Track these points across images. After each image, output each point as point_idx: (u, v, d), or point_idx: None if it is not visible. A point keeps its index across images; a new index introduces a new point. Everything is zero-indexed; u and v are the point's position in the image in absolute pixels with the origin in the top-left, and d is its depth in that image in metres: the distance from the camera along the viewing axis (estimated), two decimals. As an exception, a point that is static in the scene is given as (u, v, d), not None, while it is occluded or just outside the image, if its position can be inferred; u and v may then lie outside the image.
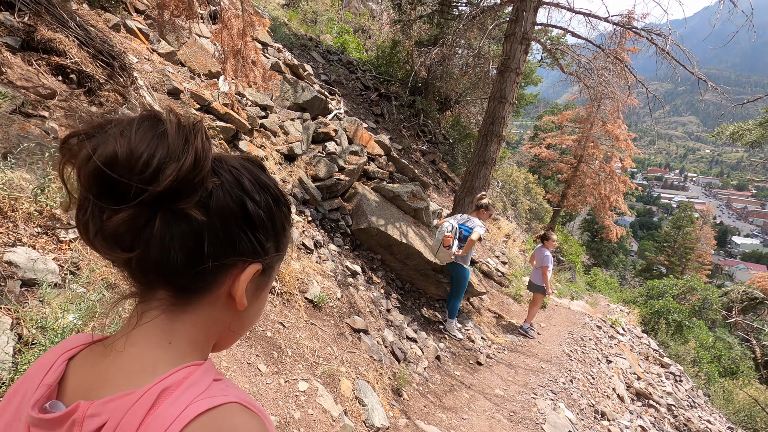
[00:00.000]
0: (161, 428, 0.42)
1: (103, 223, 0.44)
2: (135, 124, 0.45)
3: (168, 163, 0.44)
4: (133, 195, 0.43)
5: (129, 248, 0.46)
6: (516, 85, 6.25)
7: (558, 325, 7.54)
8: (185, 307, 0.51)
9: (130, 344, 0.49)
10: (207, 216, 0.47)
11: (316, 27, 12.64)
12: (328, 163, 5.59)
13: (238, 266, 0.52)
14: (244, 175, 0.52)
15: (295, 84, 6.50)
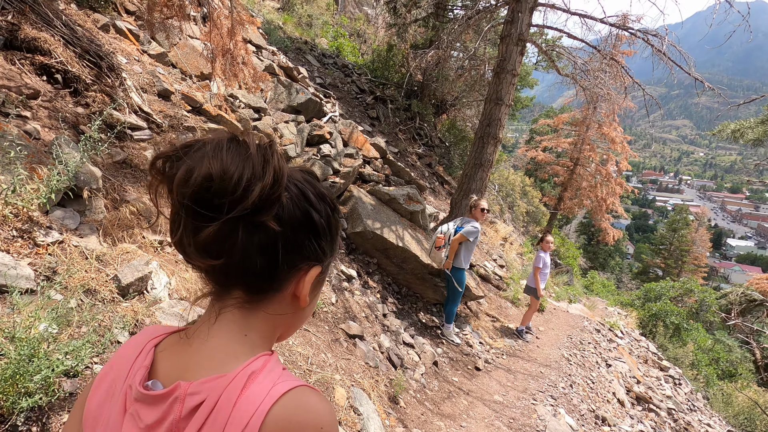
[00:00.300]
0: (254, 404, 0.51)
1: (197, 235, 0.51)
2: (224, 147, 0.51)
3: (254, 182, 0.50)
4: (226, 211, 0.50)
5: (217, 256, 0.52)
6: (512, 86, 6.20)
7: (557, 329, 7.46)
8: (257, 304, 0.58)
9: (212, 336, 0.57)
10: (281, 226, 0.54)
11: (311, 30, 12.61)
12: (323, 166, 5.51)
13: (303, 269, 0.59)
14: (308, 187, 0.58)
15: (290, 86, 6.43)
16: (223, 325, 0.58)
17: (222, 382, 0.52)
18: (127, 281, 2.02)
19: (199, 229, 0.51)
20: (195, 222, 0.51)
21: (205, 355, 0.56)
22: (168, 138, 3.83)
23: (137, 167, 3.20)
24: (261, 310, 0.59)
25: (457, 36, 7.09)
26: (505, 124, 6.54)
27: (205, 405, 0.51)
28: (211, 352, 0.56)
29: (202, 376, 0.54)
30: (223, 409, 0.51)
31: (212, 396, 0.52)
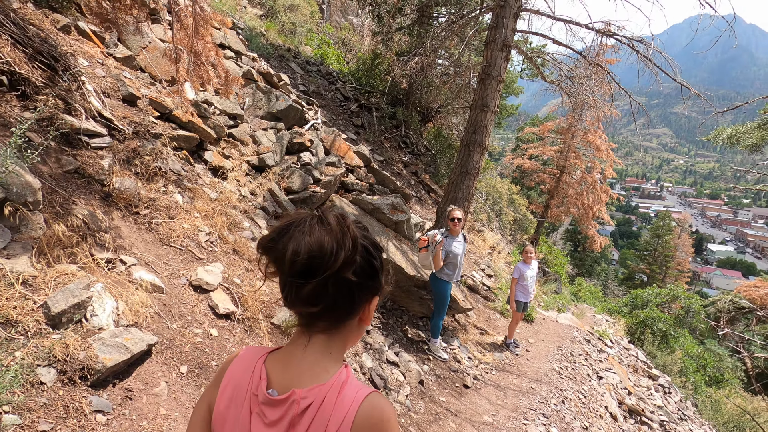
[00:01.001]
0: (348, 404, 0.75)
1: (299, 293, 0.74)
2: (314, 226, 0.73)
3: (339, 251, 0.72)
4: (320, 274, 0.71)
5: (315, 304, 0.75)
6: (497, 92, 6.07)
7: (546, 340, 7.28)
8: (337, 330, 0.82)
9: (307, 355, 0.80)
10: (356, 277, 0.76)
11: (295, 38, 12.44)
12: (303, 175, 5.27)
13: (369, 300, 0.83)
14: (368, 243, 0.79)
15: (269, 93, 6.19)
16: (315, 347, 0.79)
17: (323, 389, 0.75)
18: (59, 309, 1.75)
19: (301, 287, 0.72)
20: (298, 282, 0.72)
21: (305, 369, 0.78)
22: (132, 145, 3.56)
23: (91, 177, 2.92)
24: (340, 333, 0.81)
25: (441, 42, 6.97)
26: (492, 131, 6.40)
27: (313, 405, 0.74)
28: (310, 367, 0.78)
29: (307, 385, 0.76)
30: (326, 408, 0.74)
31: (317, 399, 0.74)
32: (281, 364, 0.80)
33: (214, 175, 4.49)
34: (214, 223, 3.64)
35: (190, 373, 2.29)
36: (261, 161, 5.10)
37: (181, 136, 4.21)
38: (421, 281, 5.50)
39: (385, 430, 0.76)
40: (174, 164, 3.94)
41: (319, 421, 0.73)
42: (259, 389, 0.78)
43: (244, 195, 4.60)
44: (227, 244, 3.60)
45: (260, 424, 0.77)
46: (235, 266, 3.42)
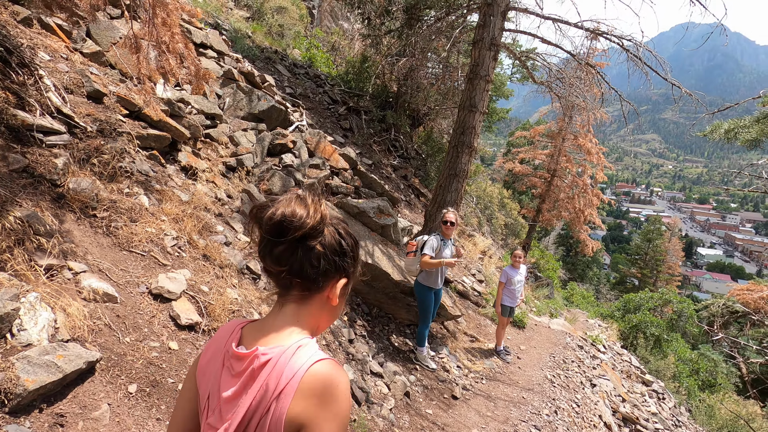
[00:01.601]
0: (300, 363, 0.83)
1: (272, 251, 0.86)
2: (294, 199, 0.87)
3: (307, 219, 0.85)
4: (289, 235, 0.84)
5: (284, 265, 0.86)
6: (486, 93, 5.93)
7: (539, 347, 7.09)
8: (306, 301, 0.91)
9: (277, 320, 0.91)
10: (323, 248, 0.88)
11: (283, 41, 12.26)
12: (284, 177, 5.05)
13: (335, 278, 0.92)
14: (340, 226, 0.94)
15: (250, 92, 5.98)
16: (285, 314, 0.91)
17: (282, 349, 0.86)
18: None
19: (273, 246, 0.86)
20: (274, 241, 0.85)
21: (272, 332, 0.89)
22: (94, 144, 3.32)
23: (42, 177, 2.68)
24: (308, 305, 0.92)
25: (429, 41, 6.82)
26: (480, 132, 6.25)
27: (272, 361, 0.84)
28: (276, 331, 0.90)
29: (271, 344, 0.87)
30: (281, 364, 0.84)
31: (275, 356, 0.85)
32: (255, 328, 0.92)
33: (188, 176, 4.26)
34: (184, 226, 3.40)
35: (140, 392, 2.05)
36: (239, 162, 4.87)
37: (152, 136, 3.98)
38: (408, 287, 5.29)
39: (330, 392, 0.82)
40: (142, 164, 3.71)
41: (273, 375, 0.82)
42: (230, 345, 0.90)
43: (219, 198, 4.37)
44: (197, 249, 3.37)
45: (228, 375, 0.88)
46: (204, 273, 3.19)
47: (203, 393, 0.92)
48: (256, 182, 4.93)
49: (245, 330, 0.93)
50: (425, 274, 4.70)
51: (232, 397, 0.85)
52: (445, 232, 4.76)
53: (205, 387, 0.91)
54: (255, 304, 3.36)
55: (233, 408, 0.84)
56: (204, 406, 0.91)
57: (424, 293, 4.74)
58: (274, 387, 0.81)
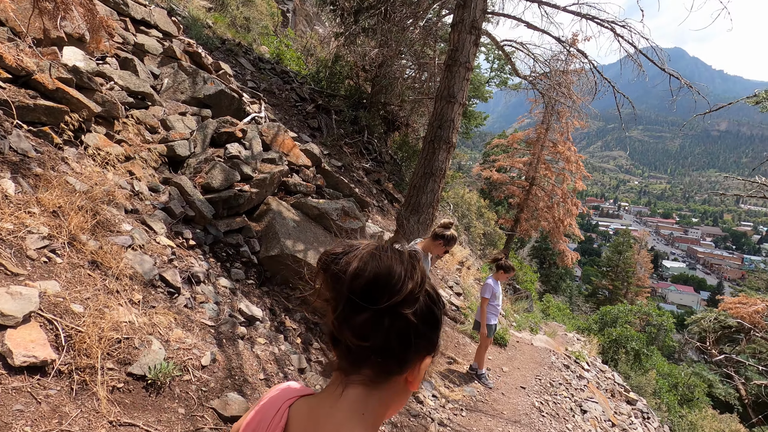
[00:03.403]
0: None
1: (353, 318, 0.64)
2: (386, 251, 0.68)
3: (407, 280, 0.65)
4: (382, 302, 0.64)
5: (364, 338, 0.65)
6: (466, 82, 5.28)
7: (522, 368, 6.38)
8: (379, 385, 0.69)
9: (337, 410, 0.68)
10: (416, 319, 0.66)
11: (249, 35, 11.43)
12: (227, 170, 4.19)
13: (422, 356, 0.71)
14: (432, 290, 0.71)
15: (195, 74, 5.13)
16: (347, 402, 0.68)
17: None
18: None
19: (355, 313, 0.64)
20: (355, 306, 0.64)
21: (328, 423, 0.68)
22: None
23: None
24: (380, 390, 0.69)
25: (403, 30, 6.15)
26: (459, 127, 5.59)
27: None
28: (334, 422, 0.67)
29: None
30: None
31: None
32: (306, 412, 0.73)
33: (97, 162, 3.35)
34: (67, 223, 2.51)
35: None
36: (170, 150, 4.00)
37: (42, 107, 3.07)
38: (376, 302, 4.49)
39: None
40: (21, 142, 2.80)
41: None
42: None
43: (138, 191, 3.48)
44: (82, 253, 2.48)
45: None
46: (85, 285, 2.30)
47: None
48: (191, 174, 4.06)
49: (293, 411, 0.74)
50: None
51: None
52: (436, 251, 3.80)
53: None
54: (164, 330, 2.49)
55: None
56: None
57: None
58: None
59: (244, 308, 3.44)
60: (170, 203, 3.65)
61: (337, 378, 0.70)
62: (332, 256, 0.68)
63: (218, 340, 2.90)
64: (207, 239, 3.86)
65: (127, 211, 3.22)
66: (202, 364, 2.48)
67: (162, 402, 2.11)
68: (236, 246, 4.10)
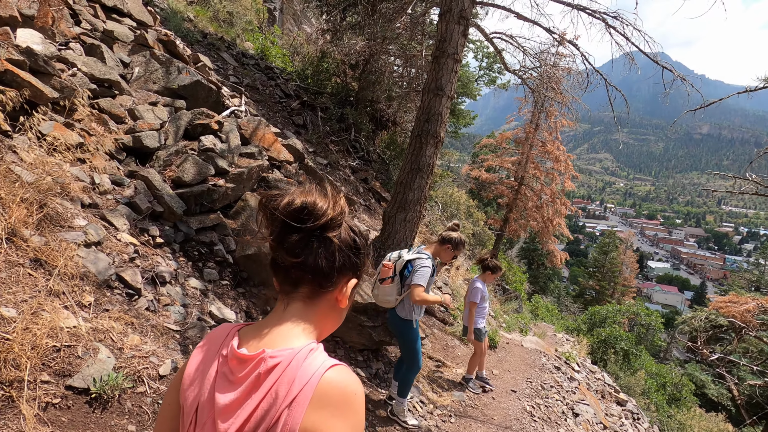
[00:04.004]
0: (314, 368, 0.74)
1: (286, 240, 0.79)
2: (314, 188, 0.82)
3: (328, 209, 0.80)
4: (309, 223, 0.78)
5: (297, 256, 0.79)
6: (454, 74, 5.09)
7: (513, 371, 6.20)
8: (315, 300, 0.83)
9: (283, 320, 0.82)
10: (339, 242, 0.82)
11: (232, 30, 11.11)
12: (201, 163, 3.92)
13: (347, 276, 0.86)
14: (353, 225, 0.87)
15: (169, 63, 4.84)
16: (291, 313, 0.82)
17: (292, 352, 0.76)
18: None
19: (288, 235, 0.79)
20: (289, 231, 0.79)
21: (278, 334, 0.80)
22: None
23: None
24: (316, 305, 0.84)
25: (389, 21, 5.94)
26: (447, 121, 5.39)
27: (281, 365, 0.74)
28: (283, 332, 0.80)
29: (278, 347, 0.77)
30: (292, 369, 0.74)
31: (285, 360, 0.75)
32: (256, 330, 0.83)
33: (52, 151, 3.06)
34: (8, 216, 2.23)
35: None
36: (137, 141, 3.71)
37: None
38: (361, 304, 4.26)
39: (348, 402, 0.74)
40: (-41, 127, 2.50)
41: (283, 380, 0.73)
42: (229, 348, 0.80)
43: (98, 183, 3.20)
44: (23, 249, 2.19)
45: (225, 381, 0.77)
46: (22, 285, 2.02)
47: (190, 405, 0.81)
48: (161, 167, 3.77)
49: (243, 333, 0.85)
50: (407, 305, 3.51)
51: (232, 405, 0.75)
52: (445, 257, 3.62)
53: (194, 398, 0.81)
54: (117, 336, 2.22)
55: (231, 418, 0.74)
56: (191, 420, 0.80)
57: (407, 329, 3.56)
58: (285, 394, 0.72)
59: (215, 311, 3.17)
60: (136, 198, 3.36)
61: (280, 300, 0.85)
62: (271, 196, 0.81)
63: (183, 346, 2.63)
64: (177, 237, 3.58)
65: (85, 205, 2.93)
66: (160, 374, 2.21)
67: (108, 419, 1.85)
68: (210, 244, 3.83)
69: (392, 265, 3.54)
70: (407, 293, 3.46)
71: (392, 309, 3.59)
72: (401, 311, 3.54)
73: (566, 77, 7.01)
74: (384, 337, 4.47)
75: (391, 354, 4.84)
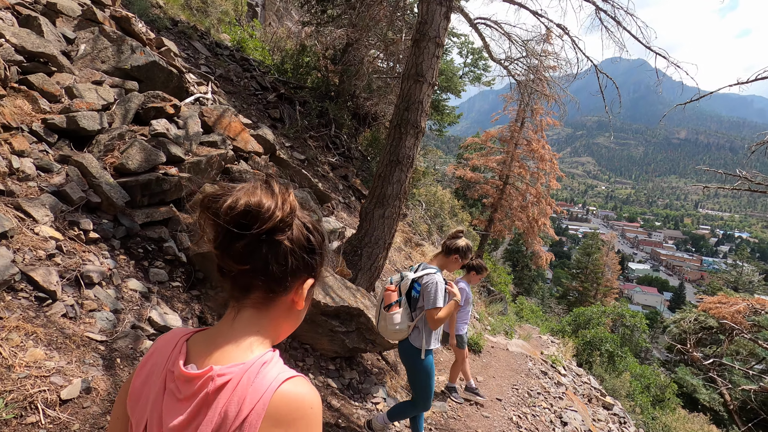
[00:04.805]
0: (266, 384, 0.69)
1: (232, 247, 0.71)
2: (259, 187, 0.74)
3: (276, 210, 0.72)
4: (255, 228, 0.70)
5: (244, 263, 0.72)
6: (436, 59, 4.74)
7: (498, 377, 5.86)
8: (268, 305, 0.77)
9: (233, 331, 0.76)
10: (291, 245, 0.75)
11: (207, 20, 10.59)
12: (149, 149, 3.47)
13: (302, 278, 0.79)
14: (308, 221, 0.80)
15: (120, 41, 4.36)
16: (242, 322, 0.76)
17: (243, 367, 0.71)
18: None
19: (233, 241, 0.71)
20: (234, 236, 0.71)
21: (228, 346, 0.74)
22: None
23: None
24: (270, 310, 0.78)
25: (369, 7, 5.57)
26: (429, 110, 5.04)
27: (231, 382, 0.69)
28: (233, 343, 0.75)
29: (228, 362, 0.72)
30: (243, 386, 0.69)
31: (236, 377, 0.70)
32: (205, 341, 0.78)
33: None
34: None
35: None
36: (71, 122, 3.24)
37: None
38: (332, 307, 3.85)
39: (303, 417, 0.70)
40: None
41: (233, 400, 0.69)
42: (176, 364, 0.75)
43: (18, 169, 2.73)
44: None
45: (172, 400, 0.73)
46: None
47: (137, 423, 0.76)
48: (101, 153, 3.31)
49: (191, 342, 0.78)
50: (422, 332, 2.96)
51: (180, 427, 0.70)
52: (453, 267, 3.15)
53: (141, 415, 0.76)
54: (9, 350, 1.77)
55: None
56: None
57: (421, 361, 2.96)
58: (236, 414, 0.68)
59: (157, 317, 2.73)
60: (66, 186, 2.90)
61: (231, 307, 0.79)
62: (212, 196, 0.74)
63: (108, 360, 2.19)
64: (117, 232, 3.12)
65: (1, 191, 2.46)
66: (61, 399, 1.77)
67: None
68: (159, 240, 3.38)
69: (396, 287, 3.03)
70: (420, 318, 2.95)
71: (407, 339, 3.01)
72: (415, 339, 2.96)
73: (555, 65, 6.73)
74: (358, 343, 4.07)
75: (367, 362, 4.44)
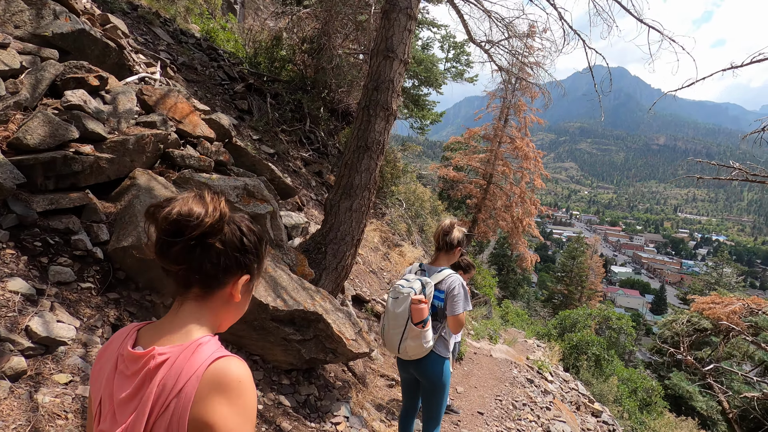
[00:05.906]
0: (199, 361, 0.79)
1: (169, 250, 0.83)
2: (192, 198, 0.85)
3: (205, 217, 0.83)
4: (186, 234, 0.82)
5: (181, 263, 0.85)
6: (408, 33, 4.25)
7: (480, 386, 5.35)
8: (207, 298, 0.89)
9: (176, 320, 0.88)
10: (223, 246, 0.86)
11: (173, 7, 9.95)
12: (57, 123, 2.87)
13: (237, 275, 0.90)
14: (243, 224, 0.91)
15: (40, 5, 3.75)
16: (184, 313, 0.88)
17: (181, 347, 0.82)
18: None
19: (170, 246, 0.83)
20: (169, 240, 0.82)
21: (170, 331, 0.86)
22: None
23: None
24: (209, 303, 0.89)
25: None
26: (400, 91, 4.53)
27: (170, 359, 0.80)
28: (175, 330, 0.86)
29: (169, 344, 0.84)
30: (179, 363, 0.79)
31: (174, 355, 0.81)
32: (153, 329, 0.89)
33: None
34: None
35: None
36: None
37: None
38: (284, 311, 3.29)
39: (233, 388, 0.78)
40: None
41: (170, 375, 0.78)
42: (125, 347, 0.86)
43: None
44: None
45: (121, 378, 0.84)
46: None
47: (94, 400, 0.89)
48: (-9, 125, 2.70)
49: (141, 332, 0.91)
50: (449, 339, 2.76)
51: (126, 399, 0.82)
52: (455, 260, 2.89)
53: (97, 393, 0.88)
54: None
55: (127, 410, 0.81)
56: (96, 412, 0.88)
57: (445, 371, 2.71)
58: (172, 386, 0.78)
59: (38, 326, 2.13)
60: (-69, 161, 2.29)
61: (176, 301, 0.91)
62: (155, 206, 0.85)
63: None
64: (5, 221, 2.52)
65: None
66: None
67: None
68: (65, 232, 2.78)
69: (425, 299, 2.57)
70: (444, 326, 2.66)
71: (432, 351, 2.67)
72: (441, 349, 2.67)
73: (539, 61, 6.31)
74: (317, 353, 3.50)
75: (330, 374, 3.87)
